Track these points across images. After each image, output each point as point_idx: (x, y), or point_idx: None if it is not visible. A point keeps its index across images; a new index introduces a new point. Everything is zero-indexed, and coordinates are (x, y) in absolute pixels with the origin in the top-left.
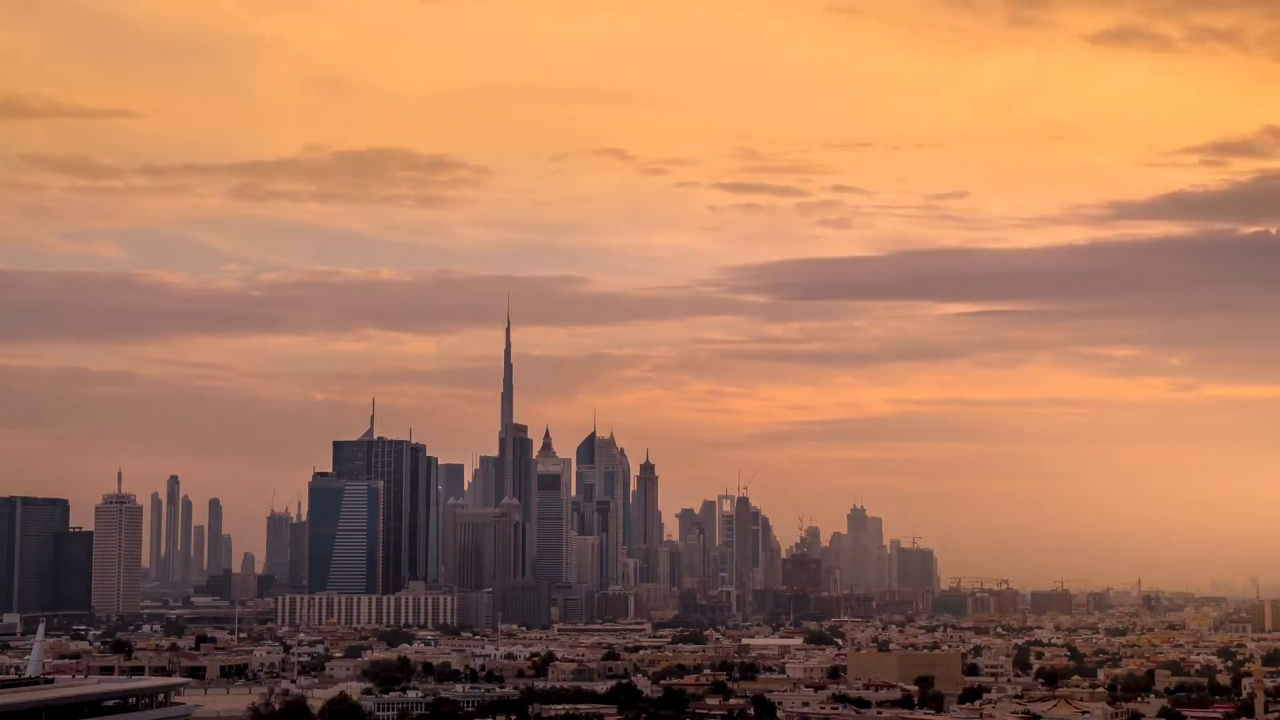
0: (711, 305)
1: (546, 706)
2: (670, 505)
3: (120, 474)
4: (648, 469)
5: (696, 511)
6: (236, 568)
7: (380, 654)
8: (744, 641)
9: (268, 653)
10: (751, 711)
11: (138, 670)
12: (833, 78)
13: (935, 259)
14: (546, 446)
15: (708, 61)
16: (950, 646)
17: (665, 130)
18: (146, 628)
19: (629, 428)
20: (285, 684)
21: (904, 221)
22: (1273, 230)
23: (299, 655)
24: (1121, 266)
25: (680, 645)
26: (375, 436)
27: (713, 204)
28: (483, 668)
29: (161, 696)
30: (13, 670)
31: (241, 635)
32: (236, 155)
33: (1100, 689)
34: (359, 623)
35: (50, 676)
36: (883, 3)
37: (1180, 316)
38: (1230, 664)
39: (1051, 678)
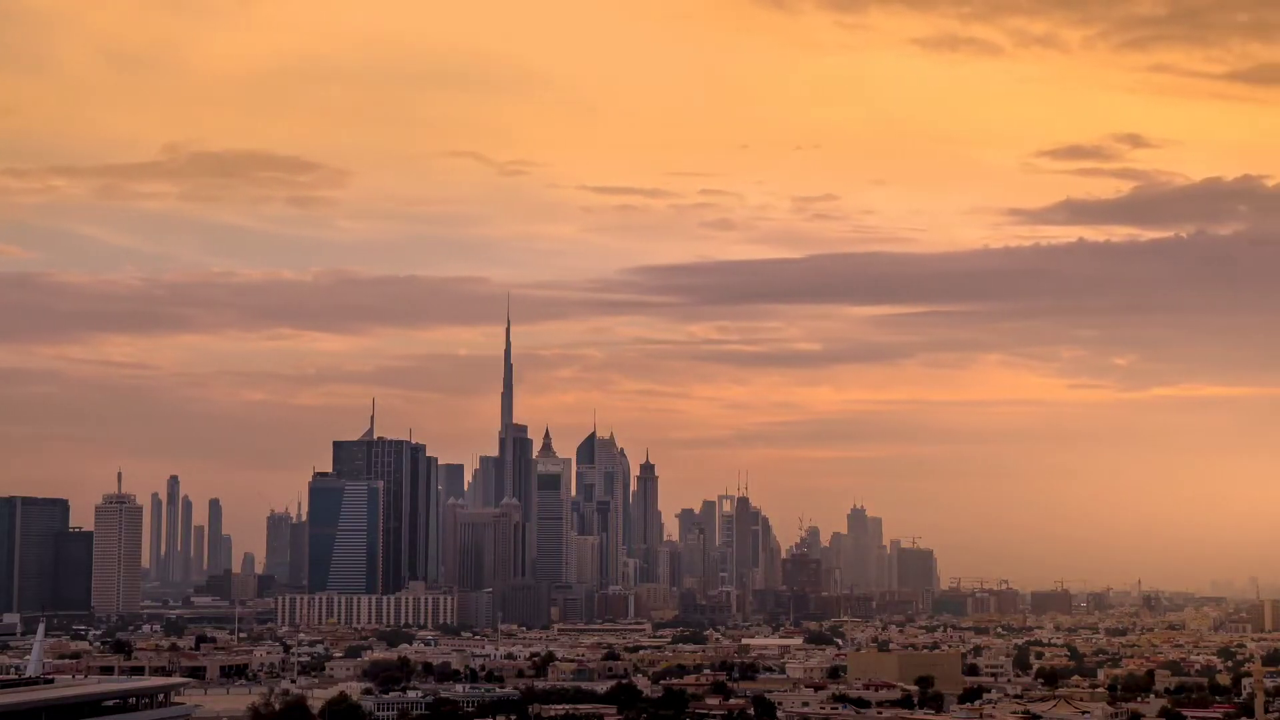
0: (626, 306)
1: (546, 706)
2: (670, 505)
3: (120, 474)
4: (648, 469)
5: (696, 511)
6: (236, 568)
7: (380, 654)
8: (744, 641)
9: (268, 653)
10: (751, 711)
11: (138, 670)
12: (697, 78)
13: (846, 262)
14: (546, 446)
15: (570, 59)
16: (950, 646)
17: (523, 128)
18: (146, 628)
19: (564, 427)
20: (285, 684)
21: (785, 223)
22: (1184, 235)
23: (299, 655)
24: (1035, 268)
25: (680, 645)
26: (375, 436)
27: (586, 205)
28: (483, 668)
29: (161, 696)
30: (13, 670)
31: (241, 635)
32: (98, 157)
33: (1100, 689)
34: (359, 623)
35: (50, 676)
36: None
37: (1117, 318)
38: (1230, 664)
39: (1051, 678)
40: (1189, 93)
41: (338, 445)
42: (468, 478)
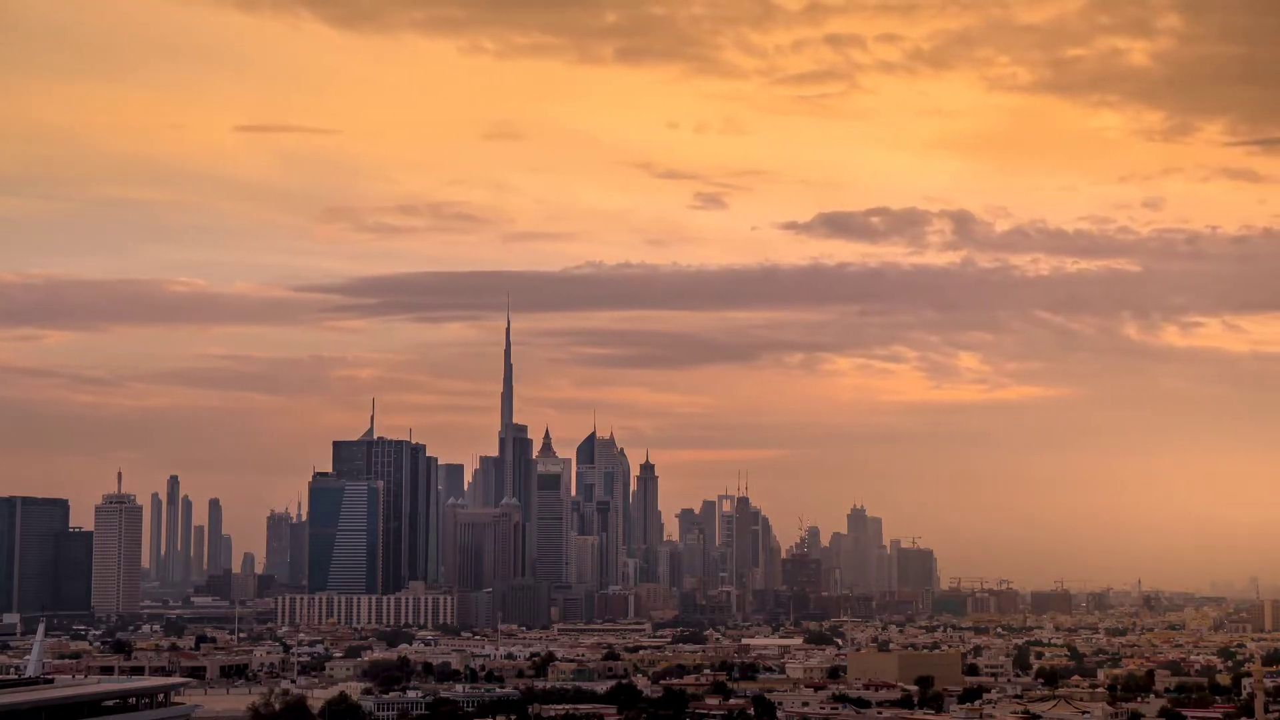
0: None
1: (546, 706)
2: (670, 505)
3: (120, 474)
4: (648, 469)
5: (696, 511)
6: (236, 568)
7: (380, 654)
8: (744, 641)
9: (268, 653)
10: (751, 711)
11: (138, 670)
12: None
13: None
14: (546, 446)
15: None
16: (950, 646)
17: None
18: (146, 628)
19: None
20: (285, 684)
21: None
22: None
23: (299, 655)
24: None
25: (680, 645)
26: (375, 436)
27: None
28: (483, 668)
29: (161, 696)
30: (13, 670)
31: (241, 635)
32: None
33: (1100, 689)
34: (359, 623)
35: (50, 676)
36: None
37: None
38: (1230, 664)
39: (1051, 678)
40: None
41: (338, 445)
42: (468, 478)
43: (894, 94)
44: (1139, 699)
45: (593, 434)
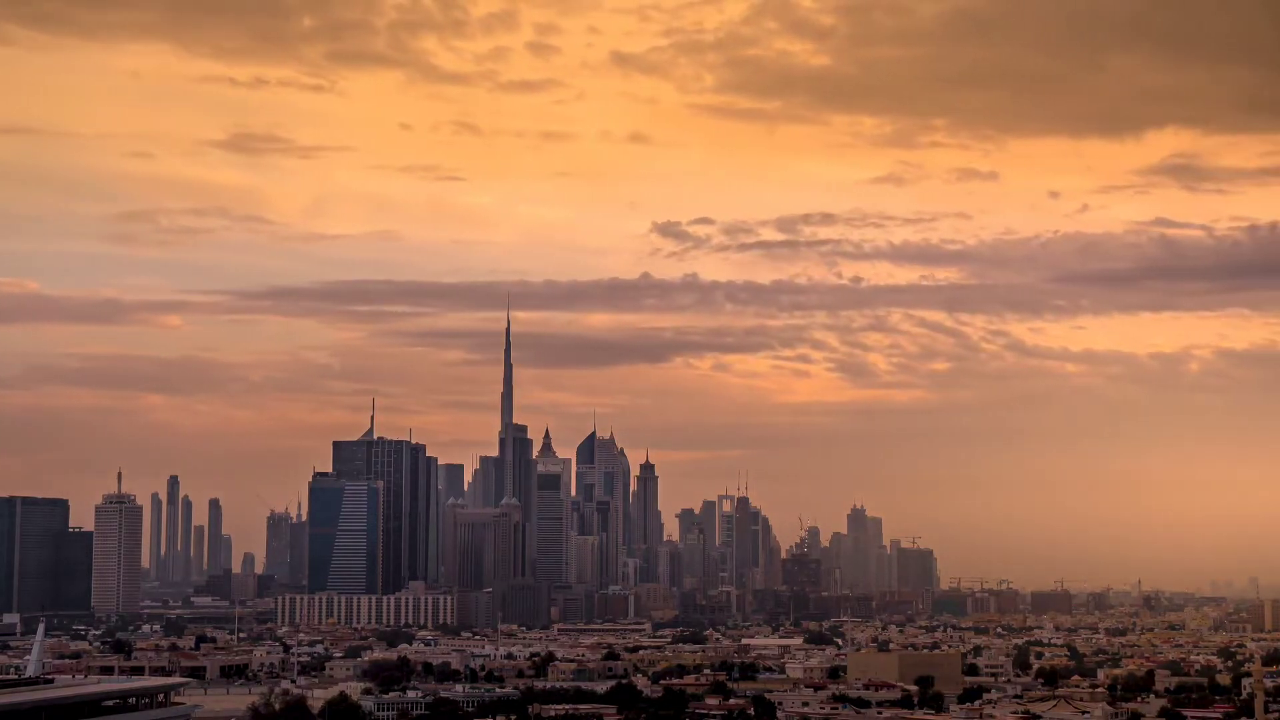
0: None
1: (546, 706)
2: (670, 505)
3: (120, 474)
4: (648, 469)
5: (696, 511)
6: (236, 568)
7: (380, 654)
8: (744, 641)
9: (268, 653)
10: (751, 711)
11: (138, 670)
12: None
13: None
14: (546, 446)
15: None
16: (950, 646)
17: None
18: (146, 628)
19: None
20: (285, 684)
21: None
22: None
23: (299, 655)
24: None
25: (680, 645)
26: (375, 436)
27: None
28: (483, 668)
29: (161, 696)
30: (13, 670)
31: (241, 635)
32: None
33: (1100, 689)
34: (359, 623)
35: (50, 676)
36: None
37: None
38: (1230, 664)
39: (1051, 678)
40: None
41: (338, 445)
42: (468, 478)
43: None
44: (1139, 699)
45: (593, 434)
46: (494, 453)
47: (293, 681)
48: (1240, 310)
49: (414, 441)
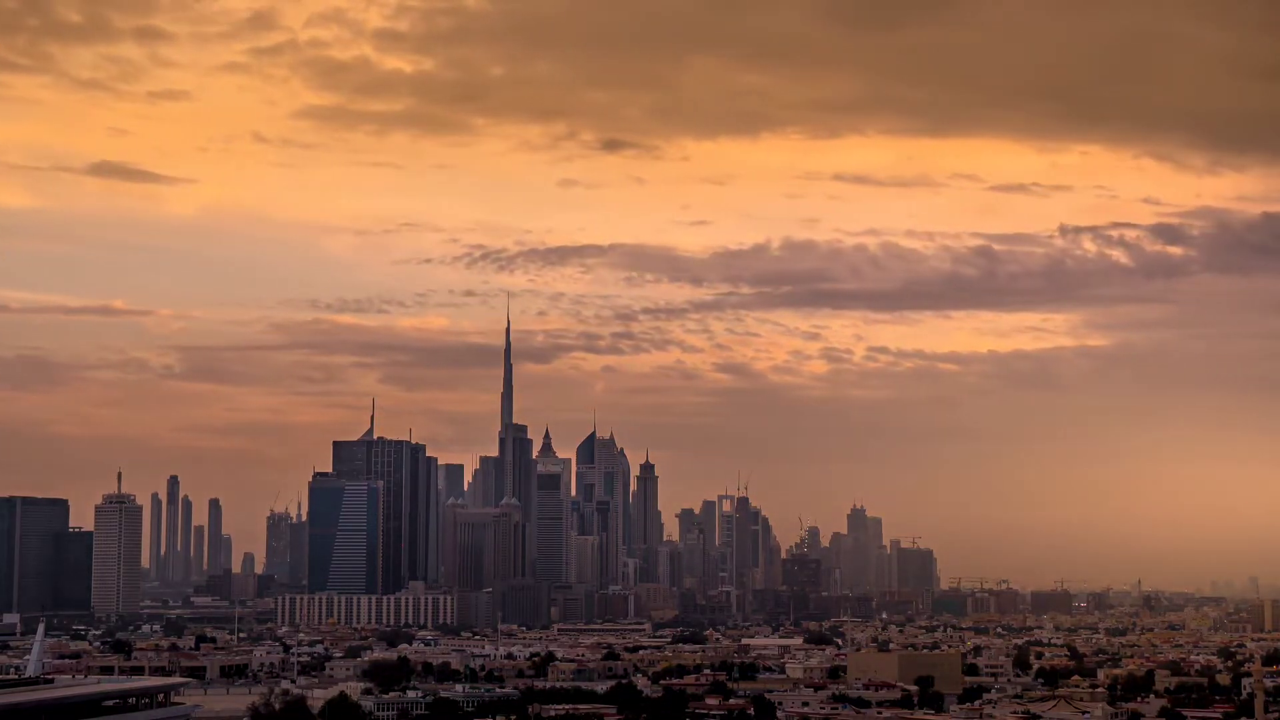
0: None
1: (546, 706)
2: (670, 505)
3: (120, 474)
4: (648, 469)
5: (696, 511)
6: (236, 568)
7: (380, 654)
8: (744, 641)
9: (267, 653)
10: (751, 711)
11: (137, 670)
12: None
13: None
14: (546, 446)
15: None
16: (950, 646)
17: None
18: (146, 628)
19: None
20: (285, 684)
21: None
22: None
23: (299, 655)
24: None
25: (680, 645)
26: (375, 436)
27: None
28: (483, 668)
29: (161, 696)
30: (13, 670)
31: (241, 635)
32: None
33: (1100, 689)
34: (359, 623)
35: (50, 676)
36: None
37: None
38: (1230, 664)
39: (1051, 678)
40: None
41: (338, 445)
42: (468, 478)
43: None
44: (1139, 699)
45: (593, 434)
46: (494, 453)
47: (293, 681)
48: None
49: (414, 441)
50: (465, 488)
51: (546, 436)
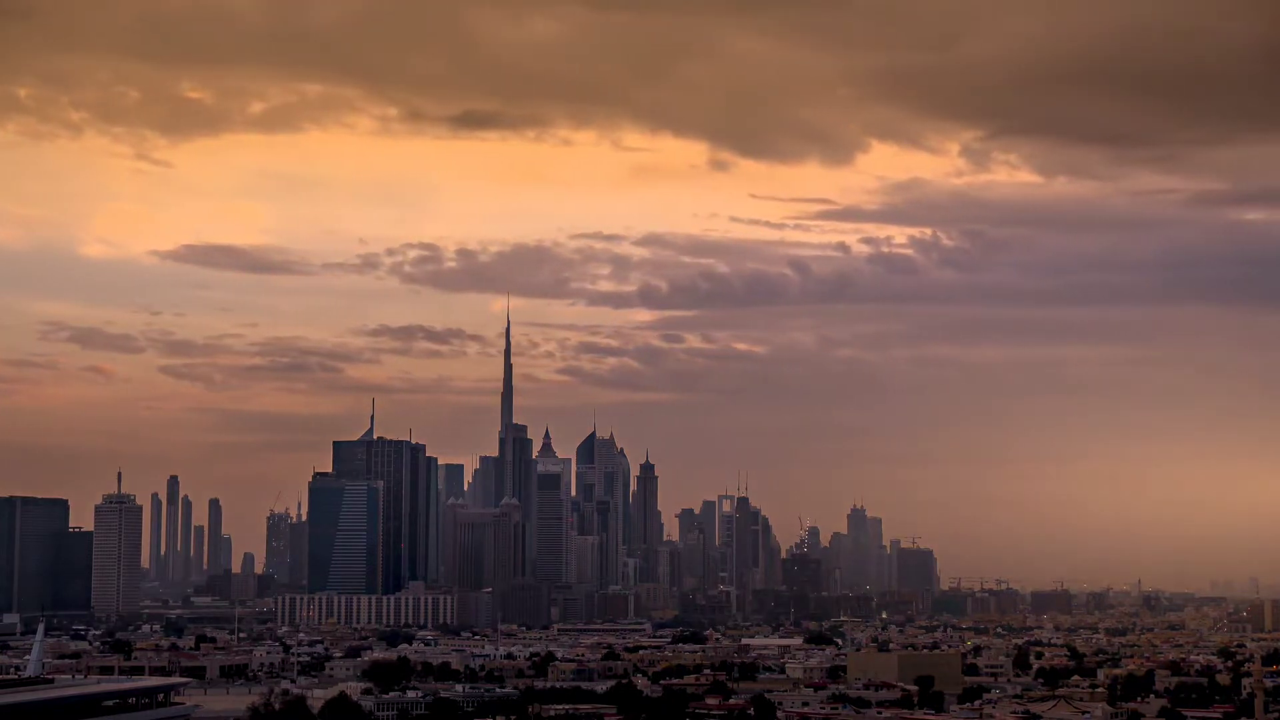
0: None
1: (546, 706)
2: (670, 505)
3: (120, 474)
4: (648, 469)
5: (696, 511)
6: (236, 568)
7: (380, 654)
8: (744, 641)
9: (267, 653)
10: (751, 711)
11: (137, 670)
12: None
13: None
14: (546, 446)
15: None
16: (950, 646)
17: None
18: (146, 628)
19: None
20: (285, 684)
21: None
22: None
23: (299, 655)
24: None
25: (680, 645)
26: (375, 436)
27: None
28: (482, 668)
29: (161, 696)
30: (13, 670)
31: (241, 635)
32: None
33: (1100, 689)
34: (359, 623)
35: (50, 676)
36: None
37: None
38: (1230, 664)
39: (1051, 678)
40: None
41: (338, 445)
42: (468, 478)
43: None
44: (1139, 699)
45: (593, 434)
46: (494, 453)
47: (293, 681)
48: None
49: (414, 441)
50: (465, 488)
51: (546, 436)
